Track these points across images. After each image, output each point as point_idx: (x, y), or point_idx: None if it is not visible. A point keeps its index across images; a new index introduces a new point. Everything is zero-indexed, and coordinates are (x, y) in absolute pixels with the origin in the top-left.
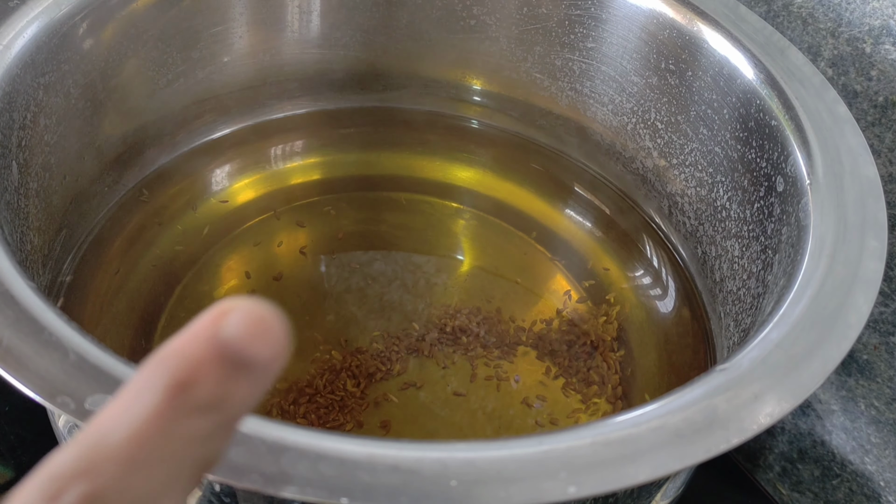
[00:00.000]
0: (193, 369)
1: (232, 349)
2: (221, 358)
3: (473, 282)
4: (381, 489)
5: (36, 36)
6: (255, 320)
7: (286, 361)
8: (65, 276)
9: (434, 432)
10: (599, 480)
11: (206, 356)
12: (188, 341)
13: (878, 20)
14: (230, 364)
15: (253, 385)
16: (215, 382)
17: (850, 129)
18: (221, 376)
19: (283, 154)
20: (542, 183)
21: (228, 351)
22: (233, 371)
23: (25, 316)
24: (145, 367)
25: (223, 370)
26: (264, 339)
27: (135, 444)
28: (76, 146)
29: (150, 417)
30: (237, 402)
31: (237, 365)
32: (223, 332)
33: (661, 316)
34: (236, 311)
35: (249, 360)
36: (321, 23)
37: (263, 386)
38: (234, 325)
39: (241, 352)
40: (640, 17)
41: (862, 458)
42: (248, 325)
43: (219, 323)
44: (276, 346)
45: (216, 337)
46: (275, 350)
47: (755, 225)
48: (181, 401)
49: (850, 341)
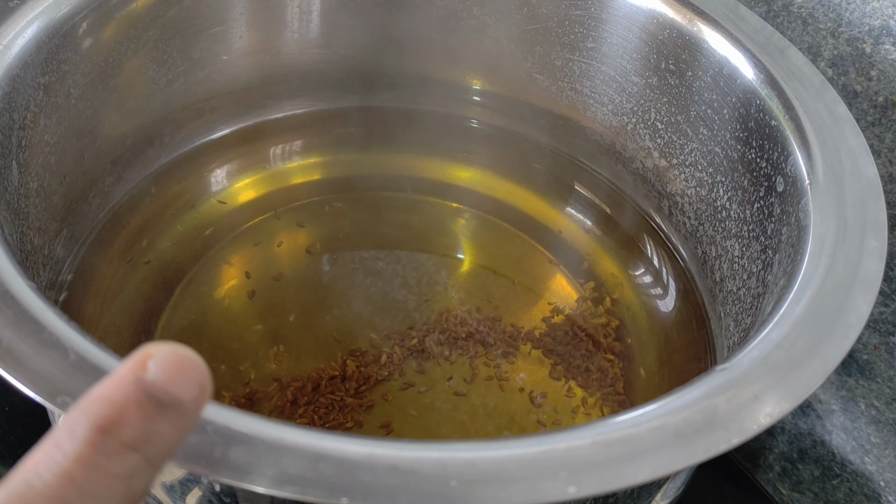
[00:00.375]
0: (117, 412)
1: (153, 391)
2: (144, 400)
3: (473, 281)
4: (381, 489)
5: (36, 36)
6: (176, 363)
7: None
8: (65, 275)
9: (434, 432)
10: (599, 480)
11: (129, 399)
12: (111, 386)
13: (878, 20)
14: (153, 405)
15: (177, 423)
16: (138, 423)
17: (850, 129)
18: (144, 417)
19: (283, 154)
20: (542, 183)
21: (150, 393)
22: (155, 411)
23: (25, 316)
24: (70, 412)
25: (146, 411)
26: (185, 381)
27: (63, 484)
28: (76, 146)
29: (76, 458)
30: (163, 441)
31: (159, 406)
32: (145, 376)
33: (661, 316)
34: (157, 356)
35: (171, 401)
36: (321, 23)
37: (188, 424)
38: (155, 368)
39: (162, 393)
40: (640, 17)
41: (862, 458)
42: (169, 367)
43: (141, 367)
44: (197, 386)
45: (138, 381)
46: (196, 390)
47: (755, 225)
48: (106, 441)
49: (850, 341)
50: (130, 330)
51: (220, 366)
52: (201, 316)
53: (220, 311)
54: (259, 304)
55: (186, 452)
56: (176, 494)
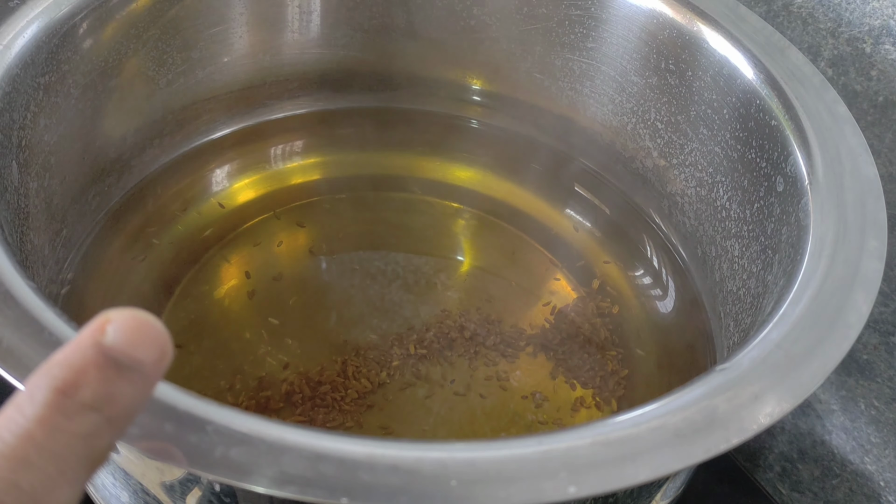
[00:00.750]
0: (76, 374)
1: (112, 353)
2: (104, 362)
3: (473, 282)
4: (381, 489)
5: (36, 36)
6: (134, 326)
7: (169, 363)
8: (65, 275)
9: (434, 432)
10: (599, 480)
11: (88, 362)
12: (71, 351)
13: (878, 20)
14: (112, 367)
15: (137, 385)
16: (98, 384)
17: (850, 129)
18: (103, 378)
19: (283, 154)
20: (542, 183)
21: (110, 355)
22: (115, 374)
23: (25, 316)
24: (31, 377)
25: (105, 373)
26: (144, 343)
27: (22, 444)
28: (76, 146)
29: (36, 418)
30: (123, 402)
31: (119, 368)
32: (104, 339)
33: (661, 316)
34: (115, 320)
35: (131, 362)
36: (321, 23)
37: (149, 385)
38: (115, 331)
39: (121, 355)
40: (640, 17)
41: (862, 457)
42: (127, 331)
43: (100, 331)
44: (156, 348)
45: (97, 344)
46: (155, 352)
47: (755, 225)
48: (66, 402)
49: (850, 341)
50: None
51: (220, 365)
52: (201, 316)
53: (220, 311)
54: (259, 304)
55: (186, 452)
56: (176, 494)
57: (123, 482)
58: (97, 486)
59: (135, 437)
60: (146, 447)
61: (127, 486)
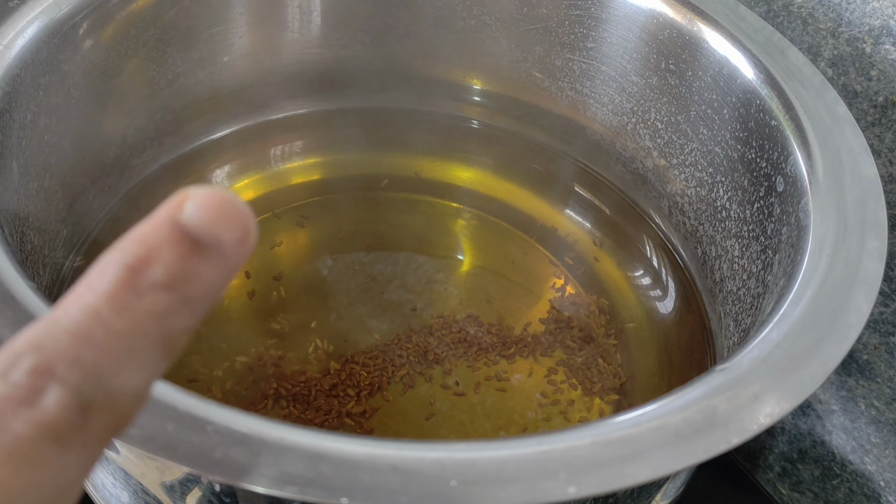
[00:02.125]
0: (150, 250)
1: (191, 231)
2: (180, 240)
3: (473, 282)
4: (381, 489)
5: (36, 36)
6: (215, 203)
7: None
8: (65, 276)
9: (434, 432)
10: (599, 480)
11: (163, 239)
12: (146, 228)
13: (878, 20)
14: (190, 245)
15: (216, 265)
16: (173, 261)
17: (850, 129)
18: (179, 256)
19: (283, 154)
20: (542, 183)
21: (187, 233)
22: (193, 251)
23: (25, 316)
24: (104, 255)
25: (181, 250)
26: (224, 221)
27: (88, 320)
28: (76, 146)
29: (105, 294)
30: (200, 282)
31: (197, 246)
32: (182, 216)
33: (661, 316)
34: (195, 197)
35: (210, 241)
36: (321, 23)
37: (230, 267)
38: (193, 208)
39: (202, 233)
40: (640, 17)
41: (862, 458)
42: (208, 207)
43: (177, 208)
44: (239, 227)
45: (174, 221)
46: (237, 231)
47: (755, 225)
48: (137, 279)
49: (850, 341)
50: None
51: (220, 365)
52: None
53: (220, 311)
54: (259, 304)
55: (186, 452)
56: (176, 494)
57: (123, 482)
58: (97, 486)
59: (135, 437)
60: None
61: (127, 486)
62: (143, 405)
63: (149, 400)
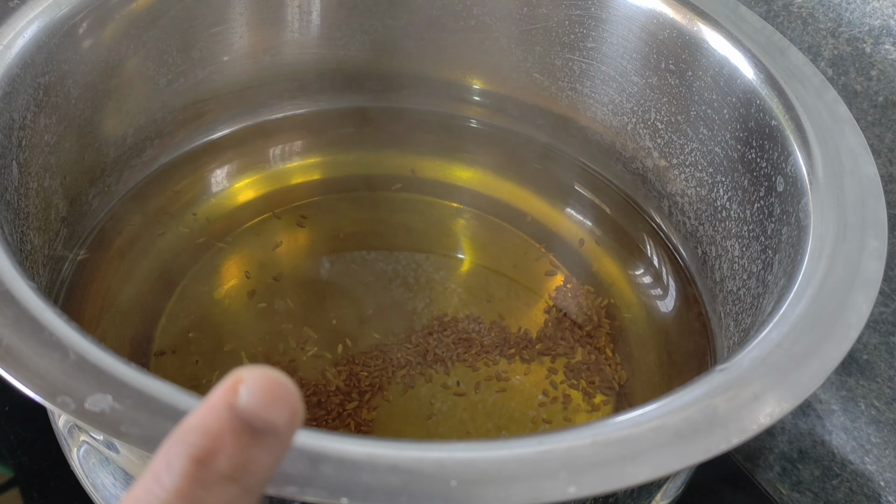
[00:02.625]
0: (213, 441)
1: (248, 417)
2: (239, 427)
3: (474, 281)
4: (381, 489)
5: (36, 36)
6: (267, 386)
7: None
8: (65, 275)
9: (434, 432)
10: (599, 480)
11: (223, 427)
12: (205, 414)
13: (878, 20)
14: (248, 432)
15: (272, 450)
16: (235, 451)
17: (850, 129)
18: (240, 444)
19: (283, 154)
20: (542, 183)
21: (245, 419)
22: (251, 438)
23: (25, 316)
24: (165, 444)
25: (242, 439)
26: (277, 405)
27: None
28: (76, 146)
29: (176, 491)
30: (260, 469)
31: (255, 432)
32: (238, 402)
33: (661, 316)
34: (248, 380)
35: (266, 426)
36: (321, 23)
37: (283, 449)
38: (248, 393)
39: (257, 419)
40: (640, 17)
41: (862, 458)
42: (262, 391)
43: (233, 392)
44: (290, 409)
45: (232, 407)
46: (288, 414)
47: (755, 225)
48: (204, 473)
49: (850, 341)
50: (130, 330)
51: (221, 365)
52: (201, 316)
53: (220, 311)
54: (259, 304)
55: None
56: None
57: (123, 482)
58: (97, 487)
59: (135, 437)
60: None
61: (127, 485)
62: None
63: (150, 402)
